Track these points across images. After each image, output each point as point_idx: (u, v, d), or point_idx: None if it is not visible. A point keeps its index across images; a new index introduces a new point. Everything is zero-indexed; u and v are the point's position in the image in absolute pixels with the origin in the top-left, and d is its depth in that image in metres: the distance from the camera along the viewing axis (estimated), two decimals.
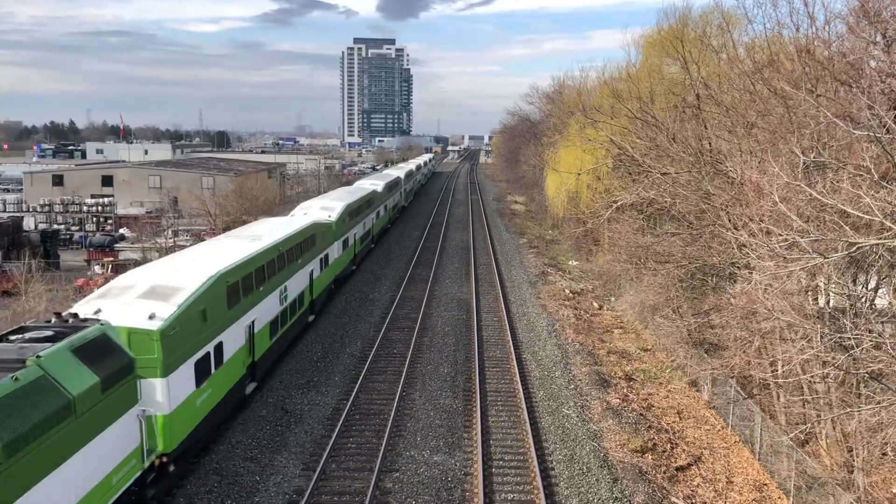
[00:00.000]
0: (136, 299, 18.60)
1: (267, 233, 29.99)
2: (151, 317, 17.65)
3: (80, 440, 13.54)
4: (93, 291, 21.70)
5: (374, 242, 56.70)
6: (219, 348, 21.05)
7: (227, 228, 58.82)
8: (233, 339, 22.32)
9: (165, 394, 17.15)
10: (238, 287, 22.84)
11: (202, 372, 19.67)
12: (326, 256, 37.16)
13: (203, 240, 47.56)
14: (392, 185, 72.42)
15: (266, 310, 25.84)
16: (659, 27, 40.62)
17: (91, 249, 57.35)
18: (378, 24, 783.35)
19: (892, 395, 14.89)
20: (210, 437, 21.59)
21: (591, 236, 49.61)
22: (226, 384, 21.82)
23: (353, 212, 46.24)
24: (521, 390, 26.49)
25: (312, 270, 33.71)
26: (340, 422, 23.35)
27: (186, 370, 18.58)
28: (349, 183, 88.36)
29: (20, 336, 14.80)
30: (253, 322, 24.28)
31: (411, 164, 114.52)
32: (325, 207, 42.98)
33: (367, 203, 52.67)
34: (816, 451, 19.46)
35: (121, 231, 67.79)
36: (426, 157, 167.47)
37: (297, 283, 30.56)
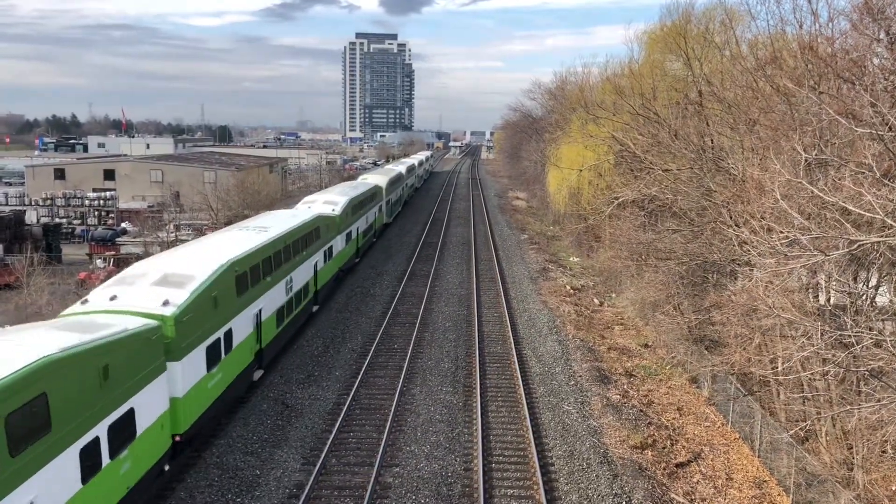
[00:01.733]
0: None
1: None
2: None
3: None
4: (95, 286, 21.80)
5: (316, 302, 35.72)
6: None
7: (228, 223, 58.91)
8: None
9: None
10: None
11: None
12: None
13: (205, 234, 47.59)
14: (362, 202, 50.16)
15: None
16: (662, 23, 40.63)
17: (93, 243, 57.50)
18: (380, 19, 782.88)
19: (893, 392, 14.89)
20: (211, 431, 21.68)
21: (592, 233, 49.61)
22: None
23: (259, 267, 25.49)
24: (521, 386, 26.51)
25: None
26: (341, 416, 23.39)
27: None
28: (352, 178, 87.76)
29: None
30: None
31: (400, 167, 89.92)
32: (183, 267, 21.54)
33: (302, 240, 31.94)
34: (816, 448, 19.48)
35: (122, 225, 67.85)
36: (422, 155, 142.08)
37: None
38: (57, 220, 67.79)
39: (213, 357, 20.84)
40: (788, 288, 17.46)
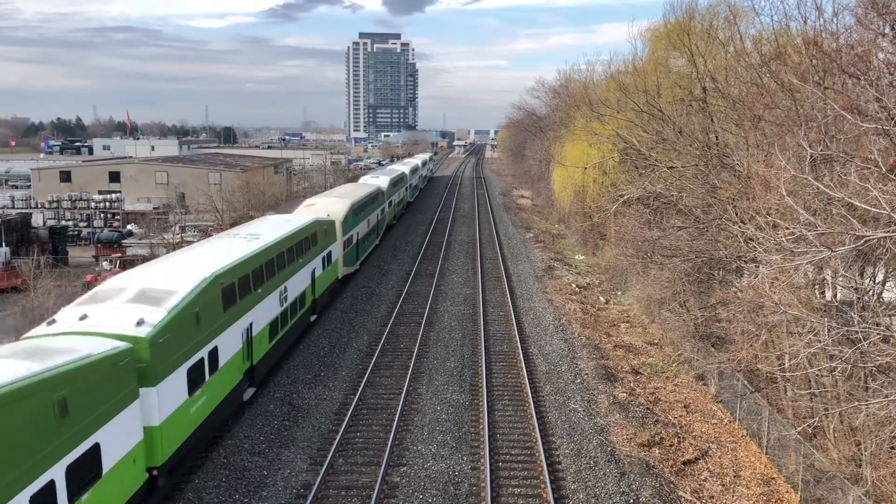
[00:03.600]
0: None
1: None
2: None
3: None
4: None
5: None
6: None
7: (234, 224, 59.12)
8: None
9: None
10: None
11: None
12: None
13: (209, 235, 47.72)
14: (267, 265, 25.95)
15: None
16: (665, 20, 40.44)
17: (99, 245, 57.70)
18: (384, 19, 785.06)
19: None
20: (217, 433, 21.72)
21: (597, 230, 49.57)
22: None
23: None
24: (527, 385, 26.50)
25: None
26: (347, 416, 23.42)
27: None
28: (355, 178, 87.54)
29: None
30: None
31: (380, 180, 63.93)
32: None
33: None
34: (824, 444, 19.41)
35: (128, 227, 68.09)
36: (418, 159, 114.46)
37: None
38: (63, 222, 68.03)
39: None
40: (795, 284, 17.41)
